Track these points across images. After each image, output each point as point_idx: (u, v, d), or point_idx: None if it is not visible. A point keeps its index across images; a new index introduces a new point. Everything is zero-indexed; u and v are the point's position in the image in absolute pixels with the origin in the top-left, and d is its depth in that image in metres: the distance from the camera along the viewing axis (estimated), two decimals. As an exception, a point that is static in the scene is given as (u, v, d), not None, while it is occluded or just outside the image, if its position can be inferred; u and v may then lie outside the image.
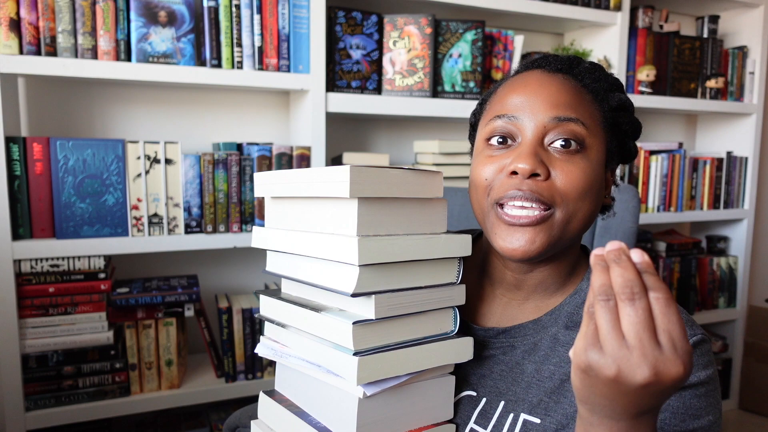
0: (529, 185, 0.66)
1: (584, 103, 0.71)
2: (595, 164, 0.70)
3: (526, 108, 0.69)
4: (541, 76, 0.72)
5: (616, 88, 0.76)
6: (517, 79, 0.74)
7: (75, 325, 1.40)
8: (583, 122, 0.68)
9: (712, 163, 2.28)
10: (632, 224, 1.26)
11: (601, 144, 0.71)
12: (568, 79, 0.72)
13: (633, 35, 2.06)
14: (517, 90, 0.71)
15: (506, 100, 0.72)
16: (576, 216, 0.69)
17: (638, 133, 0.78)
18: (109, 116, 1.63)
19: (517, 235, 0.68)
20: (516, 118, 0.69)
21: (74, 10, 1.35)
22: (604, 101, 0.73)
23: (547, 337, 0.74)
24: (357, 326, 0.62)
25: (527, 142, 0.68)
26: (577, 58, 0.77)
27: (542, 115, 0.68)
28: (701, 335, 0.68)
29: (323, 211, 0.66)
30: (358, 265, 0.60)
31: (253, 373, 1.59)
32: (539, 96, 0.69)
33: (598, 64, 0.77)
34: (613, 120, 0.74)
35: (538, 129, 0.68)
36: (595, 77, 0.74)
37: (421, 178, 0.65)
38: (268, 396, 0.79)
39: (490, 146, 0.72)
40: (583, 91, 0.72)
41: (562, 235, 0.69)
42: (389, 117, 1.86)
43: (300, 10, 1.55)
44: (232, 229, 1.52)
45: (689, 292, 2.32)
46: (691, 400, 0.65)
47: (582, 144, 0.68)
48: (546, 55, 0.76)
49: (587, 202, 0.69)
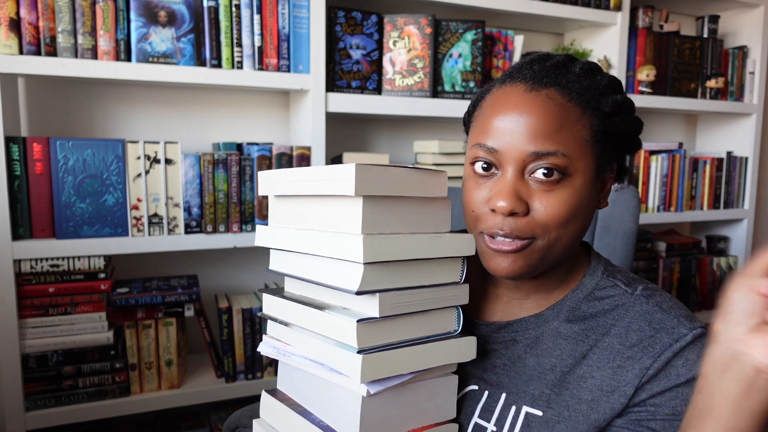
0: (509, 224, 0.68)
1: (568, 126, 0.68)
2: (579, 189, 0.69)
3: (505, 137, 0.68)
4: (522, 96, 0.69)
5: (612, 90, 0.72)
6: (500, 96, 0.71)
7: (75, 325, 1.39)
8: (564, 153, 0.67)
9: (712, 163, 2.28)
10: (632, 224, 1.26)
11: (588, 163, 0.70)
12: (552, 96, 0.68)
13: (633, 35, 2.07)
14: (498, 112, 0.70)
15: (488, 124, 0.70)
16: (559, 242, 0.70)
17: (639, 130, 0.76)
18: (109, 116, 1.63)
19: (500, 260, 0.71)
20: (495, 150, 0.69)
21: (74, 10, 1.34)
22: (596, 110, 0.70)
23: (548, 331, 0.75)
24: (361, 324, 0.62)
25: (507, 177, 0.69)
26: (569, 61, 0.73)
27: (521, 148, 0.67)
28: (701, 329, 0.69)
29: (328, 209, 0.66)
30: (363, 262, 0.60)
31: (253, 373, 1.59)
32: (517, 123, 0.68)
33: (591, 65, 0.73)
34: (605, 128, 0.71)
35: (517, 163, 0.68)
36: (586, 86, 0.70)
37: (425, 177, 0.65)
38: (271, 395, 0.79)
39: (475, 173, 0.72)
40: (568, 109, 0.68)
41: (544, 258, 0.71)
42: (389, 117, 1.86)
43: (300, 10, 1.55)
44: (232, 229, 1.52)
45: (689, 292, 2.32)
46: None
47: (564, 172, 0.68)
48: (534, 61, 0.73)
49: (570, 228, 0.70)
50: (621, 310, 0.72)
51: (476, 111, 0.76)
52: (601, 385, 0.69)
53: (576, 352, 0.71)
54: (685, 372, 0.66)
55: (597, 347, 0.71)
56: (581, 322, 0.73)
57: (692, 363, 0.66)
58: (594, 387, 0.69)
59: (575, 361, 0.71)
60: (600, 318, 0.73)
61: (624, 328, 0.71)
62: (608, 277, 0.77)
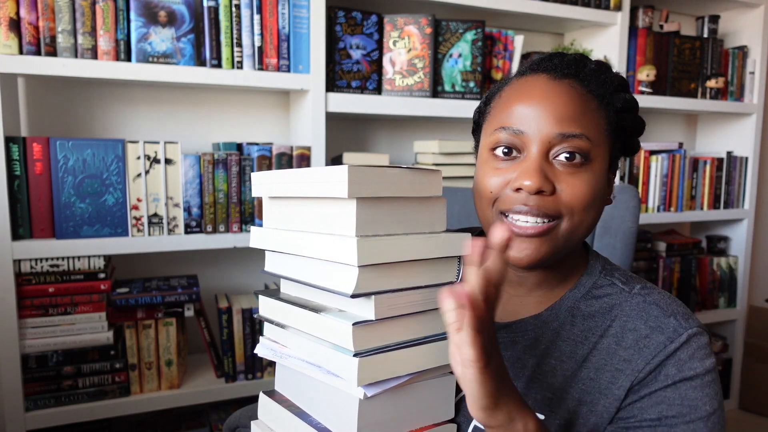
0: (536, 201, 0.67)
1: (589, 113, 0.70)
2: (599, 174, 0.70)
3: (532, 121, 0.69)
4: (546, 83, 0.71)
5: (621, 89, 0.75)
6: (523, 84, 0.73)
7: (75, 325, 1.40)
8: (587, 136, 0.68)
9: (712, 163, 2.28)
10: (632, 224, 1.26)
11: (605, 152, 0.72)
12: (574, 85, 0.71)
13: (633, 35, 2.06)
14: (522, 99, 0.71)
15: (511, 109, 0.71)
16: (581, 226, 0.70)
17: (641, 130, 0.78)
18: (109, 116, 1.63)
19: (523, 245, 0.69)
20: (521, 132, 0.69)
21: (74, 10, 1.35)
22: (609, 105, 0.73)
23: (547, 332, 0.74)
24: (357, 327, 0.62)
25: (532, 157, 0.68)
26: (583, 57, 0.75)
27: (547, 130, 0.68)
28: (696, 328, 0.68)
29: (321, 211, 0.66)
30: (358, 265, 0.60)
31: (253, 373, 1.59)
32: (545, 109, 0.69)
33: (604, 64, 0.75)
34: (617, 123, 0.74)
35: (543, 144, 0.68)
36: (601, 80, 0.73)
37: (419, 177, 0.65)
38: (268, 396, 0.79)
39: (495, 157, 0.72)
40: (589, 98, 0.71)
41: (566, 244, 0.71)
42: (389, 117, 1.86)
43: (300, 10, 1.55)
44: (232, 229, 1.52)
45: (689, 292, 2.32)
46: (687, 391, 0.65)
47: (587, 157, 0.69)
48: (552, 56, 0.75)
49: (592, 211, 0.70)
50: (617, 310, 0.72)
51: (493, 102, 0.77)
52: (599, 387, 0.69)
53: (576, 355, 0.71)
54: (674, 373, 0.66)
55: (596, 350, 0.71)
56: (580, 323, 0.73)
57: (683, 363, 0.66)
58: (594, 389, 0.69)
59: (576, 364, 0.71)
60: (598, 318, 0.73)
61: (620, 328, 0.71)
62: (606, 275, 0.77)
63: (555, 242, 0.69)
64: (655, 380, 0.66)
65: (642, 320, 0.70)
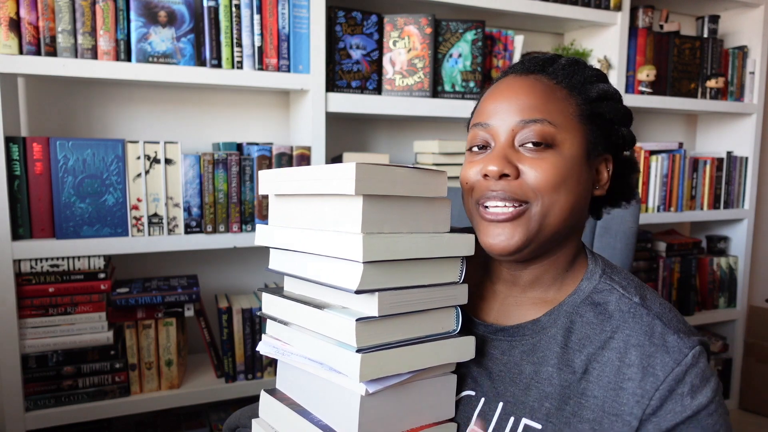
0: (501, 185, 0.71)
1: (554, 101, 0.73)
2: (568, 158, 0.72)
3: (498, 114, 0.74)
4: (512, 81, 0.76)
5: (597, 80, 0.78)
6: (494, 88, 0.78)
7: (75, 325, 1.39)
8: (550, 121, 0.71)
9: (712, 163, 2.28)
10: (632, 224, 1.26)
11: (576, 137, 0.73)
12: (539, 79, 0.75)
13: (633, 35, 2.07)
14: (492, 98, 0.76)
15: (483, 108, 0.77)
16: (553, 209, 0.71)
17: (627, 119, 0.80)
18: (109, 116, 1.63)
19: (497, 231, 0.72)
20: (489, 126, 0.74)
21: (74, 10, 1.35)
22: (582, 93, 0.75)
23: (546, 338, 0.73)
24: (360, 323, 0.62)
25: (498, 146, 0.73)
26: (556, 56, 0.79)
27: (510, 119, 0.72)
28: (699, 347, 0.67)
29: (328, 208, 0.66)
30: (363, 262, 0.60)
31: (253, 373, 1.59)
32: (508, 101, 0.74)
33: (577, 60, 0.79)
34: (592, 111, 0.75)
35: (507, 132, 0.73)
36: (570, 71, 0.76)
37: (426, 178, 0.65)
38: (270, 394, 0.79)
39: (472, 153, 0.77)
40: (555, 89, 0.74)
41: (540, 228, 0.71)
42: (389, 117, 1.86)
43: (300, 10, 1.55)
44: (232, 229, 1.52)
45: (689, 292, 2.32)
46: (704, 419, 0.65)
47: (552, 141, 0.71)
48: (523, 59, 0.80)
49: (563, 194, 0.71)
50: (619, 321, 0.71)
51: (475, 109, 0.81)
52: (603, 405, 0.67)
53: (575, 365, 0.70)
54: (690, 402, 0.65)
55: (596, 361, 0.69)
56: (579, 330, 0.72)
57: (696, 390, 0.65)
58: (596, 407, 0.67)
59: (575, 375, 0.69)
60: (597, 326, 0.71)
61: (623, 342, 0.69)
62: (606, 280, 0.75)
63: (528, 226, 0.71)
64: (673, 412, 0.65)
65: (646, 336, 0.68)
